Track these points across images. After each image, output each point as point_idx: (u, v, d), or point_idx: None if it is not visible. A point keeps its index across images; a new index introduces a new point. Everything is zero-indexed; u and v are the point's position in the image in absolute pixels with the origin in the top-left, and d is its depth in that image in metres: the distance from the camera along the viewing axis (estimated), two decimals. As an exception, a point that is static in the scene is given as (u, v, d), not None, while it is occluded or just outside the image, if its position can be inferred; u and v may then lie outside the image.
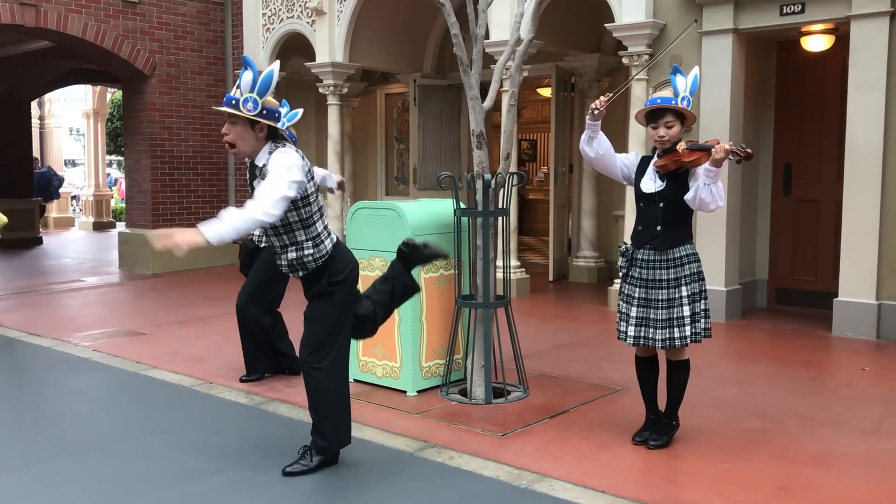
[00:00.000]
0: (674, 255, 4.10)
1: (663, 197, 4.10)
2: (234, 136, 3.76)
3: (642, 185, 4.19)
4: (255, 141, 3.77)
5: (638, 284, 4.15)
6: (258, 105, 3.70)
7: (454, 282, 5.36)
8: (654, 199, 4.13)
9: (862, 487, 3.77)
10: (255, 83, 3.70)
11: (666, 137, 4.06)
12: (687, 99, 4.08)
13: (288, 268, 3.94)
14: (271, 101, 3.78)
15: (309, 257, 3.85)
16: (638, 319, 4.14)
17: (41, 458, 4.25)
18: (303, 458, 4.01)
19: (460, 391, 5.28)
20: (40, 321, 7.94)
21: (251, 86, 3.70)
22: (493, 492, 3.76)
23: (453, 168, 11.11)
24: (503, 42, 7.51)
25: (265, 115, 3.73)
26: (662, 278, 4.09)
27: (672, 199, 4.08)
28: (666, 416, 4.35)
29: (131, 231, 11.98)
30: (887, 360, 6.15)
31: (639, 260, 4.15)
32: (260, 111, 3.71)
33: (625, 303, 4.21)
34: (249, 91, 3.70)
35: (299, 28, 10.89)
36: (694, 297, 4.11)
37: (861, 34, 6.71)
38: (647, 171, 4.20)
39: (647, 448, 4.24)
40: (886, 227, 6.70)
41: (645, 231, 4.16)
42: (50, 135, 21.19)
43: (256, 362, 5.68)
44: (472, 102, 5.15)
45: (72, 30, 10.57)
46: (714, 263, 7.51)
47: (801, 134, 8.01)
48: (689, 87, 4.10)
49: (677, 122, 4.07)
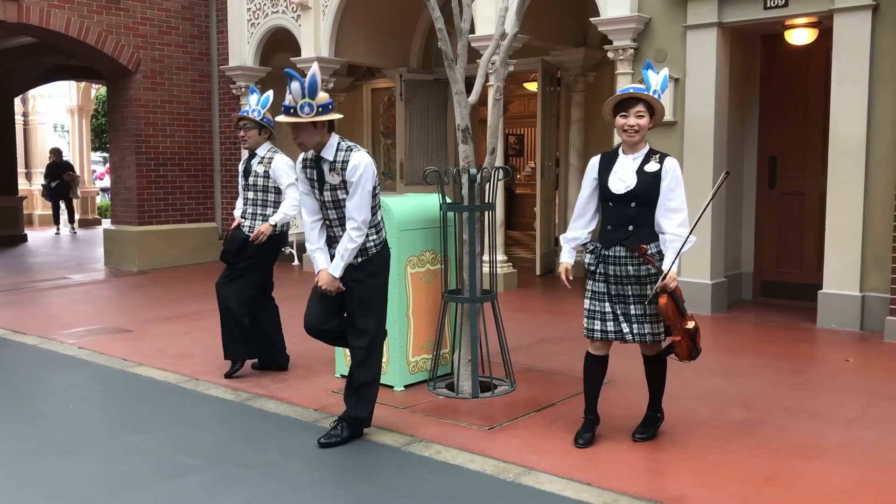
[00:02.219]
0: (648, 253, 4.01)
1: (636, 197, 4.01)
2: (301, 138, 4.12)
3: (610, 184, 4.08)
4: (319, 136, 4.13)
5: (609, 281, 4.10)
6: (314, 108, 4.03)
7: (441, 276, 5.36)
8: (625, 199, 4.06)
9: (846, 477, 3.80)
10: (303, 89, 4.00)
11: (636, 128, 4.01)
12: (658, 93, 4.03)
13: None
14: (322, 97, 4.08)
15: (371, 243, 4.26)
16: (613, 315, 4.09)
17: (27, 457, 4.23)
18: (334, 430, 4.34)
19: (447, 386, 5.29)
20: (25, 319, 7.89)
21: (301, 93, 4.01)
22: (480, 485, 3.77)
23: (440, 163, 11.12)
24: (488, 36, 7.50)
25: (321, 113, 4.05)
26: (632, 274, 4.03)
27: (644, 198, 4.00)
28: (650, 408, 4.36)
29: (117, 228, 11.92)
30: (871, 351, 6.20)
31: (609, 257, 4.07)
32: (316, 111, 4.04)
33: (597, 301, 4.12)
34: (301, 97, 4.01)
35: (284, 23, 10.85)
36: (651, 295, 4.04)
37: (844, 28, 6.75)
38: (613, 168, 4.10)
39: (634, 441, 4.26)
40: (870, 220, 6.75)
41: (615, 231, 4.08)
42: (34, 131, 21.02)
43: (235, 347, 5.62)
44: (457, 97, 5.14)
45: (55, 25, 10.48)
46: (699, 256, 7.55)
47: (785, 127, 8.05)
48: (659, 83, 4.05)
49: (648, 113, 4.02)
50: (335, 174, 4.15)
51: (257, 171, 5.56)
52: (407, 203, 5.40)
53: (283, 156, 5.61)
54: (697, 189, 7.57)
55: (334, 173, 4.15)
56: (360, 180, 4.12)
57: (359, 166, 4.11)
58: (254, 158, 5.62)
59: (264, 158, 5.57)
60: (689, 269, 7.64)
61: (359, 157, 4.13)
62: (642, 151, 4.08)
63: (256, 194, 5.59)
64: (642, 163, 4.05)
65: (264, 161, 5.56)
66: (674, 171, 4.01)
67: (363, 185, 4.12)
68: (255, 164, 5.59)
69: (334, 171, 4.15)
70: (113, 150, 12.05)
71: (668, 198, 3.99)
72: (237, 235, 5.61)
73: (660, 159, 4.04)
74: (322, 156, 4.17)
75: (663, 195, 3.99)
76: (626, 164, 4.10)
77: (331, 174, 4.16)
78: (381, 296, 4.42)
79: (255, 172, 5.57)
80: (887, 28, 6.62)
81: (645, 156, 4.07)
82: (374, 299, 4.35)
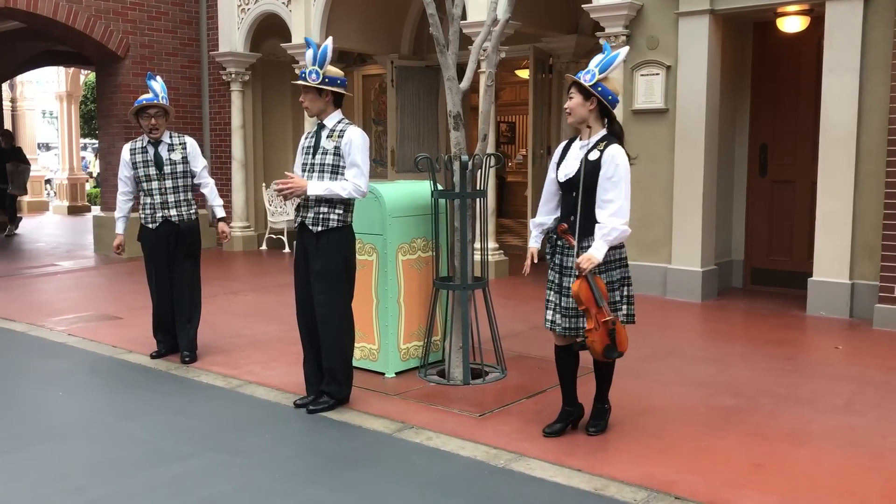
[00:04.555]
0: (586, 245, 3.90)
1: (577, 186, 3.92)
2: (307, 101, 4.55)
3: (559, 172, 4.05)
4: (322, 104, 4.54)
5: (556, 270, 4.05)
6: (320, 76, 4.45)
7: (432, 264, 5.35)
8: (568, 187, 3.98)
9: (834, 463, 3.83)
10: (315, 57, 4.43)
11: (567, 109, 3.99)
12: (592, 73, 3.92)
13: (312, 220, 4.52)
14: (333, 71, 4.51)
15: (334, 216, 4.52)
16: (554, 304, 4.05)
17: (16, 444, 4.21)
18: (321, 398, 4.63)
19: (438, 372, 5.29)
20: (15, 306, 7.85)
21: (312, 60, 4.44)
22: (471, 471, 3.78)
23: (432, 150, 11.08)
24: (480, 23, 7.47)
25: (327, 84, 4.47)
26: (572, 266, 3.93)
27: (586, 188, 3.89)
28: (597, 400, 4.26)
29: (106, 215, 11.84)
30: (860, 338, 6.23)
31: (559, 246, 4.04)
32: (322, 80, 4.45)
33: (549, 290, 4.08)
34: (312, 64, 4.44)
35: (275, 9, 10.78)
36: (611, 285, 3.97)
37: (836, 15, 6.75)
38: (567, 155, 4.05)
39: (588, 435, 4.15)
40: (860, 208, 6.77)
41: (563, 220, 4.02)
42: (22, 117, 20.86)
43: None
44: (448, 83, 5.12)
45: (42, 10, 10.38)
46: (690, 244, 7.57)
47: (776, 115, 8.06)
48: (601, 64, 3.94)
49: (578, 95, 3.94)
50: (331, 140, 4.52)
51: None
52: (398, 190, 5.38)
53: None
54: (688, 177, 7.59)
55: (330, 140, 4.52)
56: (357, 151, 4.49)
57: (352, 134, 4.51)
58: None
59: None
60: (679, 256, 7.66)
61: (355, 129, 4.56)
62: (594, 139, 3.98)
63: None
64: (588, 151, 3.95)
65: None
66: (612, 160, 3.87)
67: (360, 153, 4.50)
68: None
69: (331, 137, 4.52)
70: (102, 136, 11.97)
71: (604, 187, 3.86)
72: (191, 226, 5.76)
73: (603, 147, 3.91)
74: (323, 123, 4.57)
75: (600, 184, 3.87)
76: (574, 151, 4.04)
77: (327, 140, 4.53)
78: (340, 273, 4.59)
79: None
80: (879, 16, 6.62)
81: (594, 144, 3.96)
82: (331, 275, 4.53)
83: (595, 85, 3.94)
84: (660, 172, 7.73)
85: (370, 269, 5.23)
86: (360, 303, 5.23)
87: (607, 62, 3.96)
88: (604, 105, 3.97)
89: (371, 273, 5.23)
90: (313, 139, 4.60)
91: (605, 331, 3.84)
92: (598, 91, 3.94)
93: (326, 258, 4.51)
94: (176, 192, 5.64)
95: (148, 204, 5.63)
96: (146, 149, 5.64)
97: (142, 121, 5.62)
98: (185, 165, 5.67)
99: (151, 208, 5.62)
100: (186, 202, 5.68)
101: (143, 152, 5.64)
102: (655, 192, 7.77)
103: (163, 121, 5.61)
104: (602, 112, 4.00)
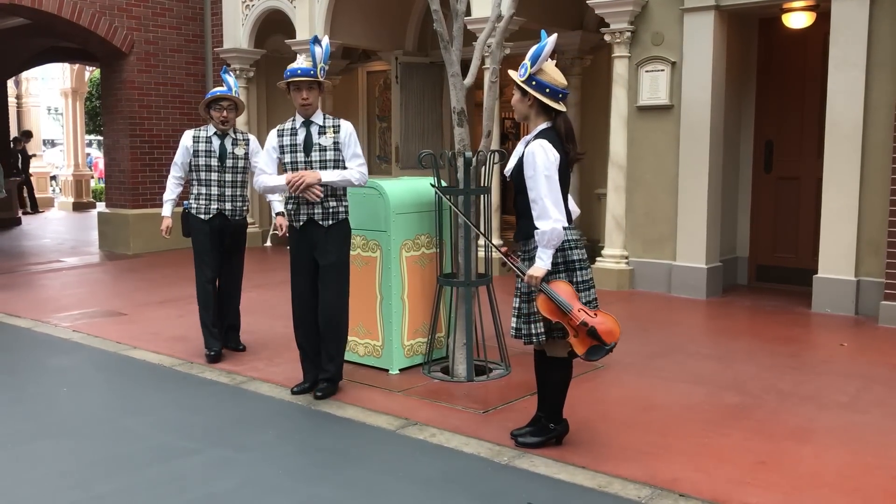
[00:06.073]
0: (528, 248, 3.77)
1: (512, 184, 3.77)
2: (311, 98, 4.63)
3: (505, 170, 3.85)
4: (318, 101, 4.73)
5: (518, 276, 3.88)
6: (325, 73, 4.67)
7: (436, 260, 5.35)
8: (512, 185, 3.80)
9: (839, 461, 3.82)
10: (325, 55, 4.64)
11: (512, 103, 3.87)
12: (524, 66, 3.75)
13: (322, 215, 4.63)
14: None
15: (342, 208, 4.72)
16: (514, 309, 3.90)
17: (21, 439, 4.22)
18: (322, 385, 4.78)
19: (442, 369, 5.29)
20: (20, 302, 7.87)
21: (323, 58, 4.63)
22: (474, 468, 3.78)
23: (436, 146, 11.06)
24: (484, 19, 7.44)
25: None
26: (522, 268, 3.79)
27: (519, 187, 3.70)
28: (539, 409, 4.03)
29: (111, 211, 11.87)
30: (865, 335, 6.21)
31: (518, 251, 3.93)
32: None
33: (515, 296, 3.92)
34: (322, 62, 4.63)
35: (279, 5, 10.76)
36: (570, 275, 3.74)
37: (842, 11, 6.72)
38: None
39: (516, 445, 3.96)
40: (866, 205, 6.74)
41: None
42: (27, 114, 20.91)
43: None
44: (452, 79, 5.11)
45: (47, 6, 10.38)
46: (695, 241, 7.55)
47: (781, 111, 8.03)
48: (531, 56, 3.78)
49: (517, 91, 3.78)
50: (327, 136, 4.62)
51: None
52: (401, 186, 5.37)
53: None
54: (693, 174, 7.57)
55: (325, 136, 4.62)
56: (354, 142, 4.68)
57: (347, 128, 4.70)
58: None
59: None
60: (683, 253, 7.64)
61: (345, 122, 4.74)
62: (531, 135, 3.78)
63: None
64: (525, 147, 3.75)
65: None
66: (530, 157, 3.64)
67: (356, 144, 4.69)
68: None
69: (326, 133, 4.63)
70: (107, 132, 11.98)
71: (528, 187, 3.65)
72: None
73: (529, 142, 3.72)
74: (312, 120, 4.66)
75: (526, 184, 3.66)
76: (519, 148, 3.83)
77: (322, 136, 4.63)
78: (348, 263, 4.80)
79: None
80: (885, 12, 6.59)
81: (529, 140, 3.75)
82: (344, 265, 4.75)
83: (529, 79, 3.75)
84: (664, 169, 7.71)
85: (374, 265, 5.23)
86: (363, 299, 5.24)
87: (536, 53, 3.76)
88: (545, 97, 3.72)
89: (375, 269, 5.23)
90: (301, 137, 4.63)
91: (583, 334, 3.64)
92: (532, 86, 3.73)
93: (339, 250, 4.71)
94: (234, 187, 5.68)
95: (203, 194, 5.63)
96: (210, 139, 5.63)
97: (213, 112, 5.59)
98: (246, 161, 5.70)
99: (207, 199, 5.62)
100: (242, 198, 5.72)
101: (206, 142, 5.62)
102: (660, 189, 7.75)
103: (233, 114, 5.62)
104: (544, 106, 3.76)
